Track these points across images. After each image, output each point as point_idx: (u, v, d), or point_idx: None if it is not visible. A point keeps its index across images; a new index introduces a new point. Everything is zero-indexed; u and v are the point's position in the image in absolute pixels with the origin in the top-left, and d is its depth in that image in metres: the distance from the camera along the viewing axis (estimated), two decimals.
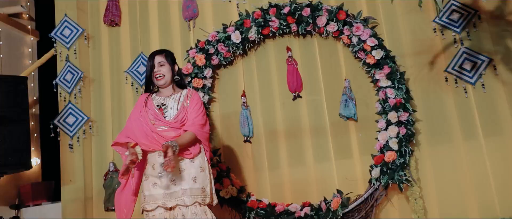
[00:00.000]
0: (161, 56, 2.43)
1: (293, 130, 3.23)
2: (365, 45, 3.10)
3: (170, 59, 2.44)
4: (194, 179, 2.22)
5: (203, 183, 2.24)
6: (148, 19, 3.62)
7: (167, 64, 2.42)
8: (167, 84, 2.43)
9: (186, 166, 2.26)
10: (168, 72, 2.41)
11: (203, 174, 2.26)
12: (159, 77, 2.39)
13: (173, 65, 2.44)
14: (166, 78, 2.41)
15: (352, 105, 3.16)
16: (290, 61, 3.31)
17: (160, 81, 2.40)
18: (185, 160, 2.28)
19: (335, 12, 3.17)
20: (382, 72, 3.07)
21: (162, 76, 2.40)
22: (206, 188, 2.24)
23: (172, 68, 2.43)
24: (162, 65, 2.41)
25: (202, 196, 2.21)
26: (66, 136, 3.55)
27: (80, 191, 3.45)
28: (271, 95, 3.30)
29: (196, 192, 2.20)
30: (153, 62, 2.41)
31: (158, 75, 2.39)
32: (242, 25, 3.28)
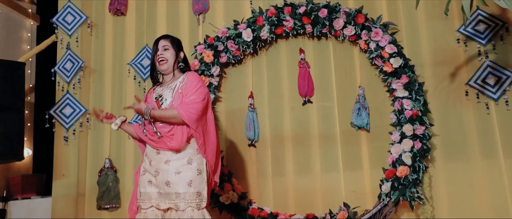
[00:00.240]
0: (166, 40, 2.37)
1: (301, 137, 3.17)
2: (383, 52, 3.03)
3: (175, 45, 2.37)
4: (190, 183, 2.16)
5: (199, 186, 2.17)
6: (156, 10, 3.56)
7: (172, 49, 2.34)
8: (169, 70, 2.34)
9: (183, 168, 2.18)
10: (172, 57, 2.33)
11: (200, 178, 2.19)
12: (162, 61, 2.31)
13: (178, 51, 2.36)
14: (169, 63, 2.32)
15: (365, 114, 3.09)
16: (303, 64, 3.24)
17: (162, 66, 2.32)
18: (182, 161, 2.19)
19: (353, 15, 3.09)
20: (399, 81, 3.00)
21: (165, 61, 2.31)
22: (202, 192, 2.17)
23: (176, 54, 2.35)
24: (166, 49, 2.34)
25: (197, 200, 2.15)
26: (61, 128, 3.49)
27: (72, 187, 3.40)
28: (280, 98, 3.24)
29: (190, 197, 2.14)
30: (158, 46, 2.35)
31: (161, 59, 2.31)
32: (254, 23, 3.22)
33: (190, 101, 2.20)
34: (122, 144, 3.44)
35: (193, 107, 2.19)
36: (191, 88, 2.23)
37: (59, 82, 3.55)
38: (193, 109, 2.19)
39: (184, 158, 2.20)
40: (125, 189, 3.37)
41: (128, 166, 3.40)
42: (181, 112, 2.18)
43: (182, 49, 2.42)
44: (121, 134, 3.44)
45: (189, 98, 2.21)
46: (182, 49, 2.42)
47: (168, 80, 2.36)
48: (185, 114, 2.18)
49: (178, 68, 2.37)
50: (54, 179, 3.42)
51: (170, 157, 2.20)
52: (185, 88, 2.24)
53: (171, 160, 2.20)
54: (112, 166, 3.41)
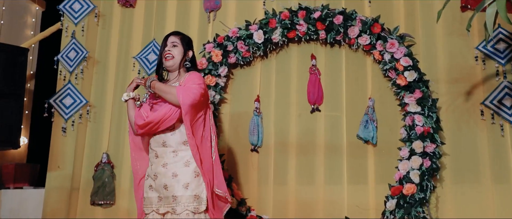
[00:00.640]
0: (176, 37, 2.37)
1: (306, 145, 3.17)
2: (398, 64, 3.03)
3: (185, 42, 2.38)
4: (186, 186, 2.15)
5: (196, 189, 2.16)
6: (166, 5, 3.57)
7: (181, 46, 2.35)
8: (175, 67, 2.34)
9: (179, 170, 2.18)
10: (179, 55, 2.33)
11: (197, 180, 2.17)
12: (168, 57, 2.32)
13: (186, 50, 2.37)
14: (175, 60, 2.32)
15: (372, 127, 3.10)
16: (313, 70, 3.25)
17: (168, 62, 2.32)
18: (179, 164, 2.19)
19: (369, 24, 3.10)
20: (412, 96, 3.00)
21: (171, 57, 2.31)
22: (200, 195, 2.16)
23: (184, 52, 2.35)
24: (175, 46, 2.34)
25: (194, 204, 2.14)
26: (60, 118, 3.50)
27: (66, 180, 3.40)
28: (287, 104, 3.25)
29: (187, 200, 2.14)
30: (167, 41, 2.36)
31: (168, 55, 2.32)
32: (266, 25, 3.23)
33: (189, 87, 2.19)
34: (121, 139, 3.44)
35: (191, 91, 2.17)
36: (191, 82, 2.22)
37: (61, 71, 3.56)
38: (190, 93, 2.17)
39: (181, 160, 2.20)
40: (120, 185, 3.38)
41: (126, 162, 3.39)
42: (178, 90, 2.17)
43: (192, 48, 2.42)
44: (121, 129, 3.45)
45: (189, 86, 2.20)
46: (191, 48, 2.42)
47: (173, 78, 2.36)
48: (181, 94, 2.15)
49: (184, 67, 2.37)
50: (49, 170, 3.42)
51: (167, 160, 2.21)
52: (184, 81, 2.25)
53: (168, 163, 2.20)
54: (109, 161, 3.41)
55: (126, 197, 3.34)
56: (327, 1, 3.25)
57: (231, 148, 3.26)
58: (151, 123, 2.21)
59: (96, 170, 3.40)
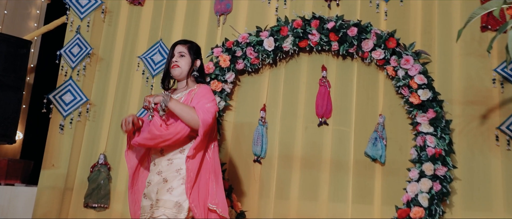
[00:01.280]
0: (183, 46, 2.39)
1: (311, 160, 3.19)
2: (412, 82, 3.05)
3: (193, 51, 2.40)
4: (171, 190, 2.15)
5: (179, 197, 2.14)
6: (175, 5, 3.62)
7: (188, 56, 2.37)
8: (182, 77, 2.37)
9: (170, 176, 2.19)
10: (186, 65, 2.36)
11: (183, 188, 2.16)
12: (175, 66, 2.35)
13: (194, 59, 2.40)
14: (182, 70, 2.35)
15: (381, 146, 3.11)
16: (323, 82, 3.27)
17: (175, 71, 2.35)
18: (172, 170, 2.20)
19: (384, 38, 3.13)
20: (425, 115, 3.01)
21: (178, 67, 2.34)
22: (182, 203, 2.13)
23: (192, 62, 2.38)
24: (182, 56, 2.37)
25: (174, 210, 2.11)
26: (58, 115, 3.53)
27: (60, 179, 3.42)
28: (294, 115, 3.27)
29: (168, 205, 2.12)
30: (174, 51, 2.38)
31: (175, 65, 2.35)
32: (278, 32, 3.27)
33: (206, 107, 2.20)
34: (120, 140, 3.46)
35: (209, 111, 2.19)
36: (204, 99, 2.24)
37: (63, 66, 3.60)
38: (209, 113, 2.18)
39: (174, 167, 2.21)
40: (116, 189, 3.40)
41: (123, 165, 3.42)
42: (198, 111, 2.16)
43: (200, 57, 2.44)
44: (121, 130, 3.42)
45: (200, 102, 2.22)
46: (199, 56, 2.44)
47: (181, 87, 2.40)
48: (202, 115, 2.16)
49: (192, 77, 2.40)
50: (43, 168, 3.44)
51: (162, 168, 2.23)
52: (196, 95, 2.27)
53: (162, 171, 2.22)
54: (106, 162, 3.44)
55: (121, 201, 3.36)
56: (342, 11, 3.30)
57: (233, 157, 3.28)
58: (160, 139, 2.19)
59: (91, 171, 3.42)
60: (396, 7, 3.28)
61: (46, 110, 3.50)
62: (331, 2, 3.36)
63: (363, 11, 3.30)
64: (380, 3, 3.29)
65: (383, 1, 3.30)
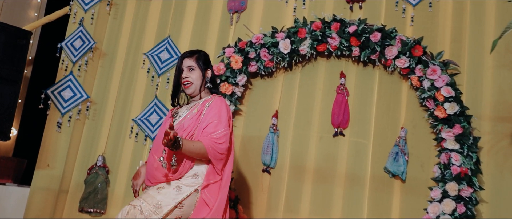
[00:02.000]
0: (191, 59, 2.37)
1: (325, 172, 3.15)
2: (438, 94, 3.00)
3: (202, 62, 2.38)
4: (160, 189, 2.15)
5: (164, 199, 2.12)
6: (186, 1, 3.61)
7: (198, 69, 2.36)
8: (196, 92, 2.37)
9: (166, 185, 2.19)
10: (198, 79, 2.35)
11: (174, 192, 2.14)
12: (187, 84, 2.34)
13: (205, 70, 2.38)
14: (195, 85, 2.34)
15: (403, 161, 3.06)
16: (341, 90, 3.24)
17: (188, 89, 2.35)
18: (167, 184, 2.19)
19: (410, 45, 3.08)
20: (451, 131, 2.95)
21: (190, 84, 2.33)
22: (163, 206, 2.10)
23: (203, 74, 2.37)
24: (191, 70, 2.35)
25: (151, 208, 2.08)
26: (56, 112, 3.53)
27: (55, 180, 3.42)
28: (308, 123, 3.24)
29: (151, 200, 2.11)
30: (182, 65, 2.36)
31: (186, 82, 2.34)
32: (295, 34, 3.23)
33: (212, 133, 2.19)
34: (120, 142, 3.46)
35: (222, 147, 2.19)
36: (212, 114, 2.23)
37: (63, 59, 3.61)
38: (222, 147, 2.19)
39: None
40: (114, 193, 3.39)
41: (123, 168, 3.42)
42: (207, 147, 2.15)
43: (210, 66, 2.43)
44: (122, 131, 3.46)
45: (209, 125, 2.20)
46: (209, 65, 2.43)
47: (194, 100, 2.40)
48: (213, 152, 2.16)
49: (206, 89, 2.39)
50: (37, 168, 3.45)
51: None
52: (208, 110, 2.25)
53: None
54: (105, 165, 3.43)
55: (119, 206, 3.35)
56: (365, 15, 3.26)
57: (241, 166, 3.25)
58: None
59: (89, 174, 3.42)
60: (424, 12, 3.23)
61: (43, 106, 3.51)
62: (353, 4, 3.32)
63: (387, 15, 3.25)
64: (406, 7, 3.24)
65: (410, 5, 3.25)
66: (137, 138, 3.45)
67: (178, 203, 2.14)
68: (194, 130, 2.24)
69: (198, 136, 2.19)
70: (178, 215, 2.14)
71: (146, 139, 3.42)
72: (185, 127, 2.23)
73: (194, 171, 2.22)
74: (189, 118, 2.27)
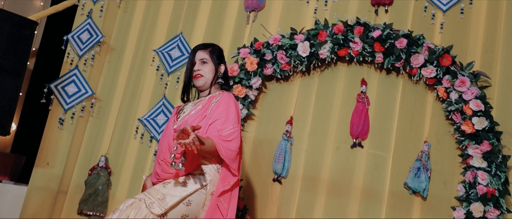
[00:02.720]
0: (204, 52, 2.38)
1: (340, 185, 3.12)
2: (466, 107, 2.96)
3: (215, 56, 2.39)
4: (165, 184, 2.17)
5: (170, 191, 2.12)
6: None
7: (211, 63, 2.37)
8: (206, 86, 2.37)
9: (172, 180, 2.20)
10: (210, 73, 2.36)
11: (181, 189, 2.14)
12: (198, 76, 2.35)
13: (218, 65, 2.39)
14: (206, 78, 2.35)
15: (425, 177, 3.02)
16: (362, 98, 3.21)
17: (198, 81, 2.35)
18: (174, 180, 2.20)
19: (438, 54, 3.05)
20: (478, 147, 2.91)
21: (201, 76, 2.34)
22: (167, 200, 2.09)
23: (216, 68, 2.38)
24: (204, 63, 2.36)
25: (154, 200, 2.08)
26: (59, 107, 3.55)
27: (54, 180, 3.43)
28: (324, 132, 3.22)
29: (155, 194, 2.12)
30: (194, 58, 2.37)
31: (197, 74, 2.34)
32: (315, 37, 3.21)
33: (220, 130, 2.18)
34: (124, 142, 3.46)
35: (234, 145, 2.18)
36: (220, 110, 2.22)
37: (69, 53, 3.62)
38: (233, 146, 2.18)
39: None
40: (115, 196, 3.39)
41: (126, 170, 3.43)
42: (218, 145, 2.14)
43: (223, 61, 2.44)
44: (126, 131, 3.45)
45: (217, 121, 2.19)
46: (223, 60, 2.44)
47: (203, 95, 2.39)
48: (225, 152, 2.15)
49: (216, 84, 2.40)
50: (35, 166, 3.46)
51: None
52: (216, 106, 2.25)
53: None
54: (107, 166, 3.43)
55: None
56: (390, 19, 3.23)
57: (251, 173, 3.24)
58: None
59: (90, 174, 3.42)
60: (454, 19, 3.19)
61: (45, 100, 3.52)
62: (379, 8, 3.30)
63: (415, 21, 3.22)
64: (436, 13, 3.21)
65: (440, 10, 3.21)
66: (142, 139, 3.44)
67: (183, 198, 2.13)
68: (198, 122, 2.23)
69: (203, 133, 2.18)
70: (184, 213, 2.13)
71: (151, 140, 3.41)
72: (188, 123, 2.22)
73: (200, 167, 2.22)
74: (193, 114, 2.27)
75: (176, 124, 2.28)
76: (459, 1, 3.18)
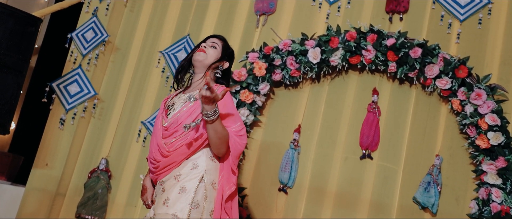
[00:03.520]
0: (218, 40, 2.38)
1: (347, 197, 3.10)
2: (481, 121, 2.92)
3: (225, 50, 2.38)
4: (166, 202, 2.09)
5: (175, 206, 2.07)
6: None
7: (219, 51, 2.34)
8: (203, 64, 2.29)
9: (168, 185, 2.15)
10: (213, 57, 2.31)
11: (183, 196, 2.09)
12: (201, 50, 2.30)
13: (224, 58, 2.36)
14: (208, 57, 2.29)
15: (435, 192, 2.99)
16: (373, 108, 3.19)
17: (199, 55, 2.28)
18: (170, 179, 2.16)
19: (454, 65, 3.02)
20: (493, 164, 2.88)
21: (204, 53, 2.29)
22: (178, 215, 2.05)
23: (220, 59, 2.33)
24: (213, 47, 2.34)
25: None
26: (60, 107, 3.55)
27: (53, 181, 3.42)
28: (333, 142, 3.20)
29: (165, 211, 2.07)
30: (206, 40, 2.37)
31: (202, 49, 2.30)
32: (326, 43, 3.20)
33: (237, 126, 2.17)
34: (126, 146, 3.46)
35: (239, 142, 2.17)
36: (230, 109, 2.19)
37: (72, 51, 3.63)
38: (239, 145, 2.17)
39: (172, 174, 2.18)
40: (115, 201, 3.38)
41: (127, 174, 3.42)
42: (232, 139, 2.14)
43: (231, 62, 2.41)
44: (129, 134, 3.44)
45: (234, 125, 2.17)
46: (231, 61, 2.41)
47: (195, 80, 2.33)
48: (235, 146, 2.14)
49: (213, 74, 2.33)
50: (34, 166, 3.46)
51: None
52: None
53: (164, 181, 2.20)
54: (107, 169, 3.42)
55: (119, 215, 3.34)
56: (405, 28, 3.20)
57: (255, 182, 3.22)
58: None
59: (89, 177, 3.41)
60: (472, 29, 3.16)
61: (47, 100, 3.52)
62: (393, 15, 3.28)
63: (431, 30, 3.20)
64: (453, 22, 3.18)
65: (457, 20, 3.19)
66: (144, 142, 3.43)
67: (190, 203, 2.08)
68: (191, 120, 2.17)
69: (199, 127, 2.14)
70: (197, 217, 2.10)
71: None
72: (179, 121, 2.17)
73: (192, 161, 2.17)
74: (185, 111, 2.20)
75: (166, 122, 2.21)
76: (477, 11, 3.15)
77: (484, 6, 3.15)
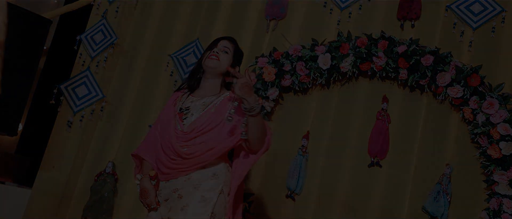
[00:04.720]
0: (230, 43, 2.41)
1: (356, 205, 3.10)
2: (493, 131, 2.91)
3: (237, 54, 2.42)
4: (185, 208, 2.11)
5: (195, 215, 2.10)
6: (220, 1, 3.64)
7: (231, 55, 2.37)
8: (216, 72, 2.32)
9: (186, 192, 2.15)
10: (226, 64, 2.32)
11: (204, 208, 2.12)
12: (214, 57, 2.31)
13: (235, 63, 2.39)
14: (221, 64, 2.31)
15: (444, 202, 2.97)
16: (382, 115, 3.18)
17: (212, 62, 2.30)
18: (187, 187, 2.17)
19: (466, 73, 3.01)
20: (505, 174, 2.86)
21: (217, 59, 2.31)
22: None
23: (233, 65, 2.36)
24: (225, 52, 2.36)
25: None
26: (68, 109, 3.57)
27: (59, 185, 3.45)
28: (342, 149, 3.19)
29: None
30: (217, 44, 2.39)
31: (214, 55, 2.32)
32: (337, 49, 3.20)
33: None
34: (133, 149, 3.39)
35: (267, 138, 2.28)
36: None
37: (81, 53, 3.66)
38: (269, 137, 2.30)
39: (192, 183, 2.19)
40: (121, 204, 3.40)
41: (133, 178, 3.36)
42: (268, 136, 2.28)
43: (240, 64, 2.46)
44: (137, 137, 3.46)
45: None
46: (240, 63, 2.46)
47: (209, 89, 2.35)
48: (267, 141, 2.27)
49: (223, 82, 2.37)
50: (41, 169, 3.50)
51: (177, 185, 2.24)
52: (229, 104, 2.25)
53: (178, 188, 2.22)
54: (114, 172, 3.44)
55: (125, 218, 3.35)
56: (417, 35, 3.20)
57: (262, 188, 3.23)
58: None
59: (96, 180, 3.43)
60: (485, 37, 3.15)
61: (54, 102, 3.54)
62: (405, 22, 3.27)
63: (443, 38, 3.19)
64: (465, 30, 3.17)
65: (470, 27, 3.17)
66: None
67: (210, 213, 2.12)
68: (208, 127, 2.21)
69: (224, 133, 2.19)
70: None
71: None
72: (200, 128, 2.19)
73: (212, 171, 2.20)
74: (205, 120, 2.21)
75: (185, 128, 2.22)
76: (491, 19, 3.14)
77: (497, 14, 3.13)
